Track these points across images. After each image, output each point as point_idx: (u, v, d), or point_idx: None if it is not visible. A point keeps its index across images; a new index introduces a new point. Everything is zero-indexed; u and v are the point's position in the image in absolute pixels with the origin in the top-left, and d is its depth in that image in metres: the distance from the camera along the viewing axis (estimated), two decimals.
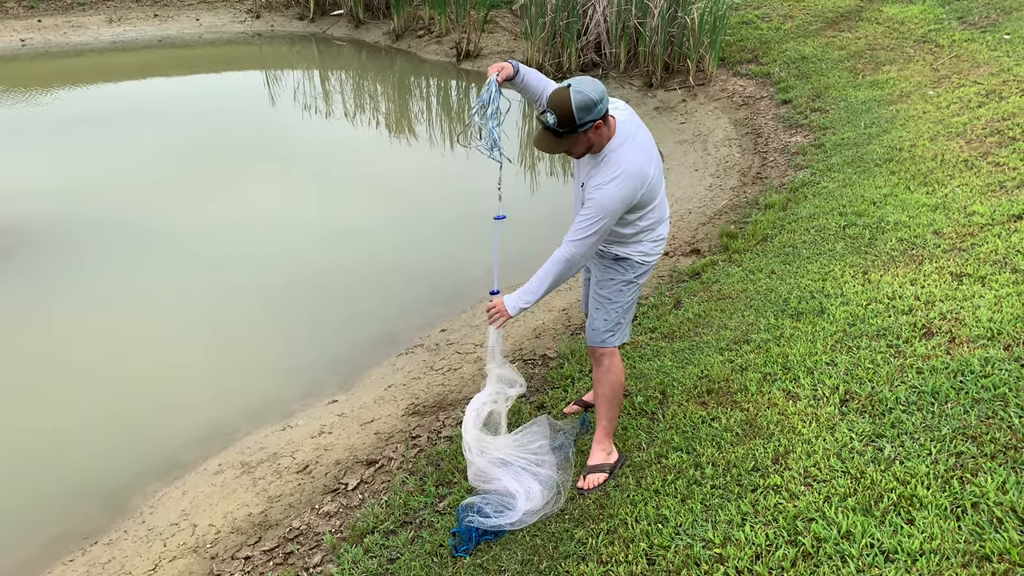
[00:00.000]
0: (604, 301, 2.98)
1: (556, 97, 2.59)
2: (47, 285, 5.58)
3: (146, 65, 11.63)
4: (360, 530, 3.22)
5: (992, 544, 2.13)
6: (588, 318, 3.06)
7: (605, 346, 3.02)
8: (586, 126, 2.60)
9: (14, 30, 12.06)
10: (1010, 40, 7.59)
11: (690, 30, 9.04)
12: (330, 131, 9.21)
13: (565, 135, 2.62)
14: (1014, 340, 3.04)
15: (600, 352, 3.03)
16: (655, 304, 4.74)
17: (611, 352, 3.03)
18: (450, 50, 11.32)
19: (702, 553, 2.44)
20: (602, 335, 3.01)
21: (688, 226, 6.14)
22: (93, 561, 3.42)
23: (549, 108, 2.59)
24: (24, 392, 4.56)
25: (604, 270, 2.98)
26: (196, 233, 6.38)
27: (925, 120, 6.38)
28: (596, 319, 3.01)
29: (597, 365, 3.07)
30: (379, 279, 5.78)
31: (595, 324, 3.01)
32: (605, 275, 2.97)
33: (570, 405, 3.69)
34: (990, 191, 4.66)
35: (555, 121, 2.58)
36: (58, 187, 7.11)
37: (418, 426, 4.02)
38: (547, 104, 2.62)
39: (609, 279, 2.96)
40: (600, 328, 3.00)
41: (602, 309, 2.99)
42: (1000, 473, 2.37)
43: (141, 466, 3.99)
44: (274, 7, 13.35)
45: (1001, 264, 3.71)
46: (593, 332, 3.03)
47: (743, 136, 7.87)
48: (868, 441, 2.74)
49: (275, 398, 4.50)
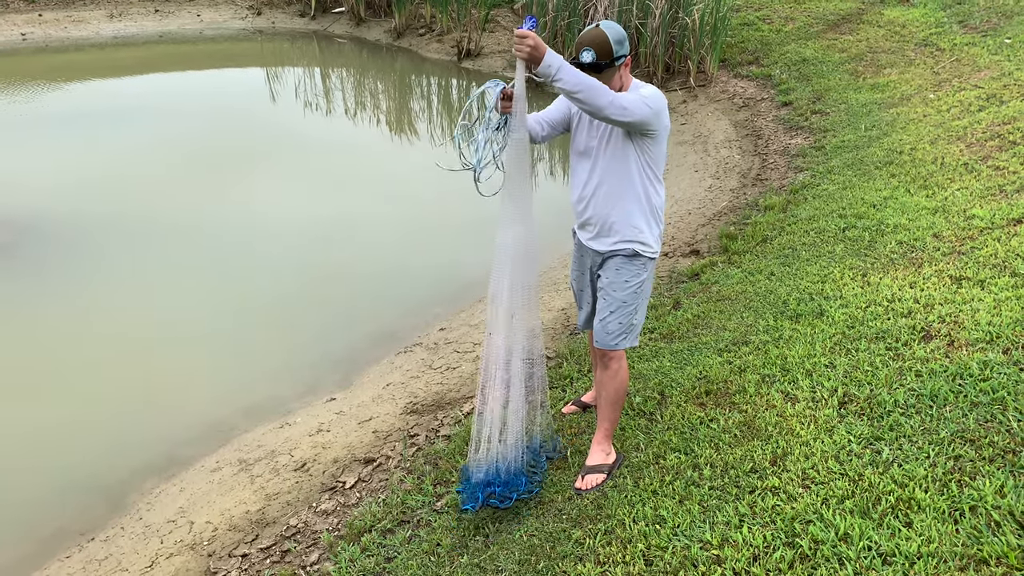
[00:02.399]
0: (619, 304, 2.95)
1: (590, 35, 2.68)
2: (46, 281, 5.57)
3: (147, 61, 11.62)
4: (357, 528, 3.21)
5: (990, 547, 2.13)
6: (600, 323, 3.01)
7: (617, 349, 3.00)
8: (621, 59, 2.71)
9: (15, 24, 12.05)
10: (1011, 44, 7.59)
11: (691, 31, 9.04)
12: (330, 129, 9.21)
13: (606, 68, 2.69)
14: (1013, 344, 3.04)
15: (611, 356, 3.01)
16: (654, 305, 4.74)
17: (620, 355, 3.02)
18: (451, 49, 11.32)
19: (700, 554, 2.44)
20: (616, 338, 2.98)
21: (688, 227, 6.14)
22: (90, 558, 3.42)
23: (585, 46, 2.67)
24: (22, 388, 4.55)
25: (617, 272, 2.94)
26: (195, 230, 6.37)
27: (925, 123, 6.39)
28: (610, 322, 2.97)
29: (604, 368, 3.05)
30: (378, 277, 5.78)
31: (609, 327, 2.97)
32: (619, 277, 2.94)
33: (568, 405, 3.69)
34: (990, 195, 4.66)
35: (594, 56, 2.66)
36: (58, 183, 7.10)
37: (416, 425, 4.02)
38: (582, 43, 2.69)
39: (624, 281, 2.94)
40: (614, 331, 2.97)
41: (617, 312, 2.96)
42: (998, 476, 2.37)
43: (139, 463, 3.99)
44: (275, 4, 13.35)
45: (1000, 268, 3.71)
46: (607, 335, 2.98)
47: (743, 138, 7.87)
48: (866, 444, 2.74)
49: (273, 396, 4.50)
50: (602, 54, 2.68)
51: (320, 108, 9.89)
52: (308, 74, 11.25)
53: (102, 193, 6.93)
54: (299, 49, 12.42)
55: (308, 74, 11.25)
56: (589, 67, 2.67)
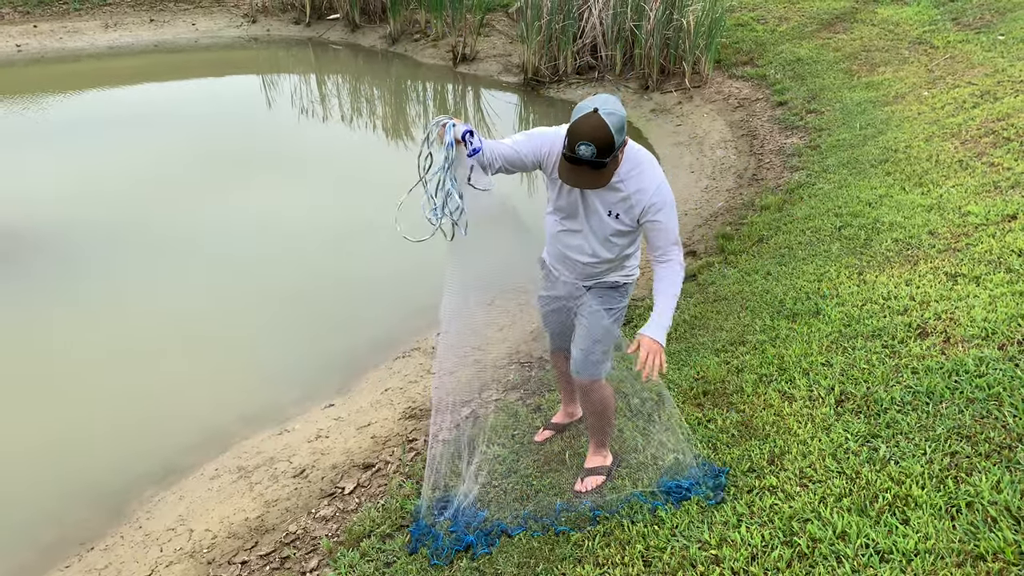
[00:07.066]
0: (604, 332, 2.80)
1: (590, 126, 2.30)
2: (43, 290, 5.57)
3: (142, 70, 11.63)
4: (357, 534, 3.21)
5: (987, 543, 2.13)
6: (581, 352, 2.83)
7: (598, 377, 2.88)
8: (622, 146, 2.41)
9: (10, 35, 12.06)
10: (1004, 41, 7.61)
11: (686, 32, 9.05)
12: (327, 135, 9.22)
13: (610, 163, 2.38)
14: (1008, 340, 3.05)
15: (591, 385, 2.90)
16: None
17: (601, 382, 2.92)
18: (446, 54, 11.33)
19: (698, 554, 2.44)
20: (598, 367, 2.85)
21: (684, 228, 6.14)
22: (89, 567, 3.41)
23: (584, 140, 2.30)
24: (21, 397, 4.55)
25: (601, 299, 2.81)
26: (193, 237, 6.37)
27: (920, 121, 6.40)
28: (594, 352, 2.81)
29: (586, 396, 2.96)
30: (376, 282, 5.78)
31: (592, 356, 2.82)
32: (603, 304, 2.81)
33: (542, 432, 3.49)
34: (985, 191, 4.67)
35: (594, 153, 2.31)
36: (55, 192, 7.10)
37: (415, 430, 4.02)
38: (579, 136, 2.31)
39: (609, 308, 2.82)
40: (597, 360, 2.83)
41: (602, 341, 2.80)
42: (995, 472, 2.37)
43: (138, 471, 3.98)
44: (270, 12, 13.36)
45: (996, 264, 3.72)
46: (588, 365, 2.83)
47: (739, 138, 7.88)
48: (863, 441, 2.74)
49: (272, 402, 4.50)
50: (603, 150, 2.32)
51: (316, 114, 9.90)
52: (304, 81, 11.26)
53: (99, 202, 6.93)
54: (294, 56, 12.44)
55: (304, 81, 11.26)
56: (588, 163, 2.34)
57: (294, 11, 13.24)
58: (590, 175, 2.40)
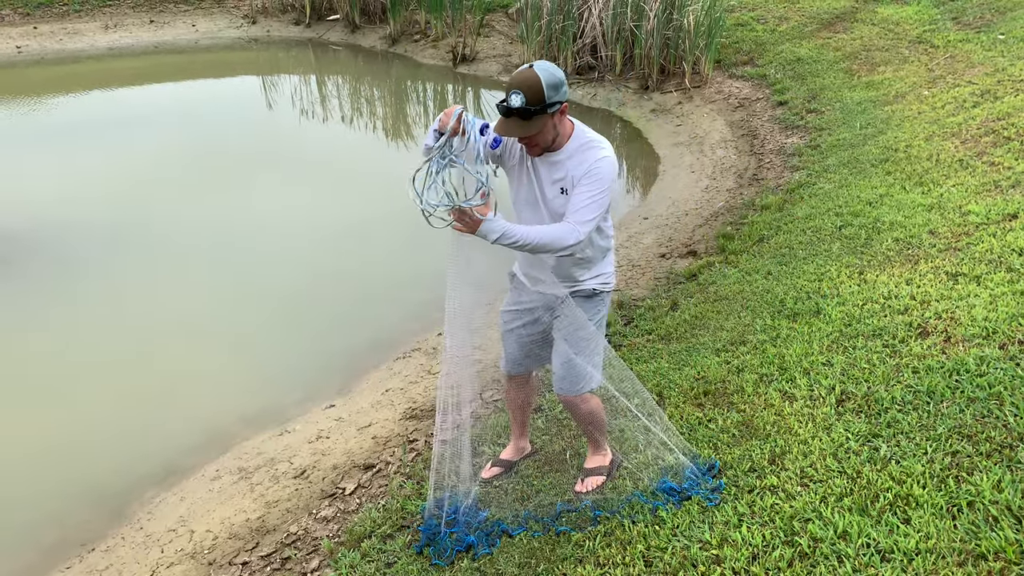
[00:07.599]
0: (584, 344, 2.76)
1: (521, 76, 2.42)
2: (43, 291, 5.58)
3: (143, 71, 11.64)
4: (357, 535, 3.21)
5: (988, 542, 2.13)
6: (564, 369, 2.79)
7: (582, 394, 2.83)
8: (554, 107, 2.45)
9: (10, 37, 12.07)
10: (1004, 40, 7.61)
11: (686, 32, 9.05)
12: (327, 135, 9.23)
13: (536, 115, 2.42)
14: (1009, 339, 3.05)
15: (575, 400, 2.85)
16: (652, 306, 4.74)
17: (586, 396, 2.87)
18: (446, 54, 11.33)
19: (699, 554, 2.44)
20: (582, 382, 2.80)
21: (685, 228, 6.14)
22: (91, 568, 3.42)
23: (514, 88, 2.40)
24: (21, 399, 4.55)
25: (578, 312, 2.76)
26: (193, 238, 6.37)
27: (920, 120, 6.40)
28: (577, 366, 2.76)
29: (574, 411, 2.92)
30: (376, 283, 5.78)
31: (577, 372, 2.78)
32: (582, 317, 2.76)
33: (488, 468, 3.32)
34: (985, 191, 4.67)
35: (523, 101, 2.39)
36: (54, 194, 7.10)
37: (415, 430, 4.02)
38: (512, 85, 2.41)
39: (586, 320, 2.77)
40: (582, 373, 2.78)
41: (582, 353, 2.76)
42: (996, 472, 2.37)
43: (139, 472, 3.98)
44: (270, 12, 13.37)
45: (996, 263, 3.72)
46: (571, 382, 2.80)
47: (739, 138, 7.88)
48: (864, 441, 2.74)
49: (272, 403, 4.50)
50: (532, 99, 2.39)
51: (317, 115, 9.90)
52: (304, 82, 11.27)
53: (99, 204, 6.93)
54: (295, 57, 12.44)
55: (304, 82, 11.27)
56: (517, 112, 2.41)
57: (294, 12, 13.25)
58: (515, 124, 2.46)
